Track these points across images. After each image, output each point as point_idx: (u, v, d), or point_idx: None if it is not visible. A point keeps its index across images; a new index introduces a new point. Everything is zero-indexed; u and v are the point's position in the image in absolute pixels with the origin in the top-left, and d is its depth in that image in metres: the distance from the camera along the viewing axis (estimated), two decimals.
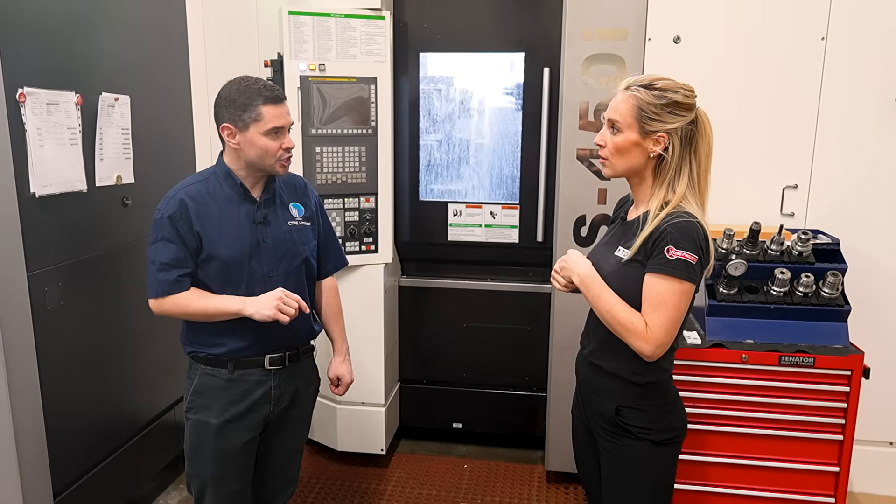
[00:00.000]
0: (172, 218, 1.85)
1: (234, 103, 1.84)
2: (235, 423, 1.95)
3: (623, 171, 1.69)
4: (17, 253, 2.08)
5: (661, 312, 1.56)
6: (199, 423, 1.96)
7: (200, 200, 1.89)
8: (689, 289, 1.57)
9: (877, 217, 2.74)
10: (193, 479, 2.00)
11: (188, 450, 1.99)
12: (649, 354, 1.58)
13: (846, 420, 2.33)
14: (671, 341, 1.59)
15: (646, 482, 1.72)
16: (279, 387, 2.02)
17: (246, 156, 1.89)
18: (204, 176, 1.95)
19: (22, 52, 2.08)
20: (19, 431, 2.10)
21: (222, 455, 1.95)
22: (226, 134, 1.88)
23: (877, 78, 2.64)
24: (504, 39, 3.11)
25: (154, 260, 1.87)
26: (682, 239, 1.55)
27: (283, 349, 2.01)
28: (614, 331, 1.62)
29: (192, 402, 1.97)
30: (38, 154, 2.14)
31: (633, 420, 1.69)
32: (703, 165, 1.64)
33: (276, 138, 1.87)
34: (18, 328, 2.10)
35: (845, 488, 2.38)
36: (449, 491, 3.08)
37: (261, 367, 1.97)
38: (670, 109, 1.60)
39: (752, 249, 2.45)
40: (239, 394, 1.96)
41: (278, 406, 2.04)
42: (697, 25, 2.71)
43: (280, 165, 1.91)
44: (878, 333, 2.74)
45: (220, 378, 1.95)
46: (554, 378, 2.99)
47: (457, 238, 3.31)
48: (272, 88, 1.87)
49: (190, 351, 1.98)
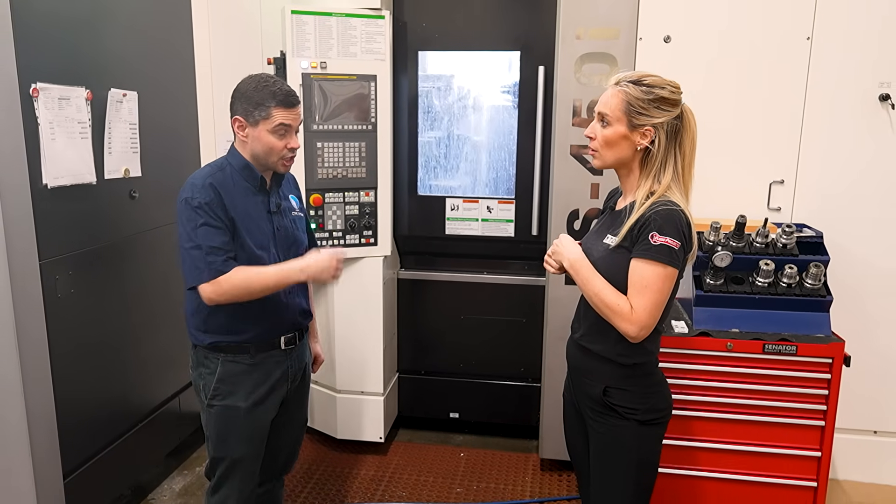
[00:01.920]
0: (210, 204, 1.87)
1: (249, 99, 1.91)
2: (262, 404, 2.04)
3: (611, 162, 1.78)
4: (30, 242, 2.17)
5: (645, 296, 1.64)
6: (227, 408, 2.00)
7: (225, 190, 1.93)
8: (672, 273, 1.66)
9: (860, 211, 2.82)
10: (220, 463, 2.05)
11: (214, 435, 2.03)
12: (634, 335, 1.66)
13: (828, 406, 2.41)
14: (654, 323, 1.68)
15: (632, 460, 1.80)
16: (293, 365, 2.13)
17: (252, 149, 1.96)
18: (219, 166, 1.98)
19: (35, 49, 2.17)
20: (31, 415, 2.19)
21: (251, 436, 2.04)
22: (236, 126, 1.96)
23: (861, 76, 2.73)
24: (501, 39, 3.20)
25: (201, 244, 1.86)
26: (666, 226, 1.64)
27: (294, 329, 2.11)
28: (601, 313, 1.71)
29: (218, 389, 2.00)
30: (50, 147, 2.23)
31: (620, 400, 1.77)
32: (687, 158, 1.73)
33: (283, 137, 1.94)
34: (31, 315, 2.18)
35: (827, 472, 2.46)
36: (446, 478, 3.16)
37: (278, 349, 2.06)
38: (657, 104, 1.68)
39: (738, 242, 2.53)
40: (262, 376, 2.03)
41: (293, 384, 2.14)
42: (687, 26, 2.79)
43: (282, 164, 1.99)
44: (859, 324, 2.83)
45: (243, 364, 2.01)
46: (548, 367, 3.07)
47: (454, 232, 3.39)
48: (287, 93, 1.93)
49: (211, 342, 1.99)
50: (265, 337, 2.03)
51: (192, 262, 1.87)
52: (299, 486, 3.05)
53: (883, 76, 2.71)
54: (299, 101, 1.98)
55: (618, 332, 1.72)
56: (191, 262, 1.88)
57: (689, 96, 1.75)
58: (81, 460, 2.47)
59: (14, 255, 2.09)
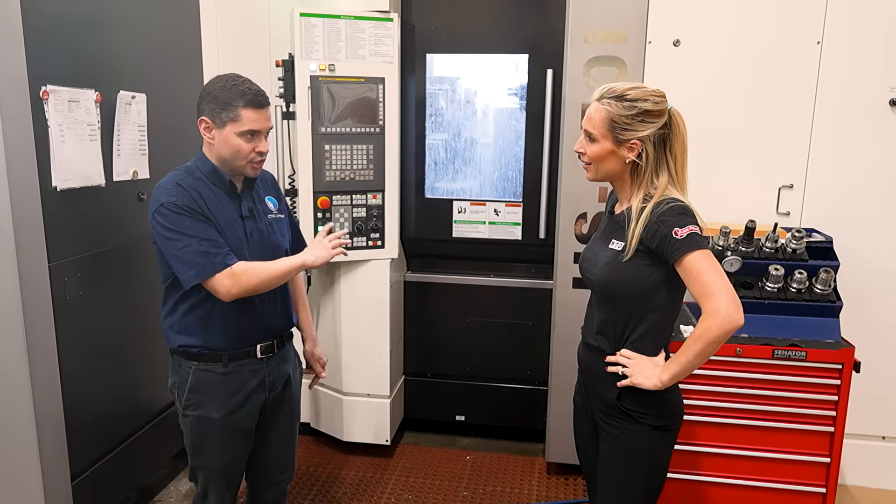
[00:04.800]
0: (190, 204, 1.84)
1: (216, 99, 1.86)
2: (236, 413, 1.99)
3: (602, 176, 1.79)
4: (40, 244, 2.17)
5: (706, 283, 1.60)
6: (200, 418, 1.97)
7: (196, 193, 1.88)
8: (709, 252, 1.64)
9: (869, 216, 2.81)
10: (199, 472, 2.05)
11: (190, 444, 2.03)
12: (738, 321, 1.59)
13: (837, 412, 2.41)
14: (732, 291, 1.61)
15: (644, 464, 1.79)
16: (272, 373, 2.07)
17: (218, 152, 1.90)
18: (187, 170, 1.93)
19: (45, 52, 2.17)
20: (40, 417, 2.19)
21: (226, 446, 2.01)
22: (202, 127, 1.90)
23: (871, 81, 2.71)
24: (509, 41, 3.19)
25: (199, 237, 1.82)
26: (679, 219, 1.64)
27: (272, 337, 2.05)
28: (717, 346, 1.64)
29: (191, 399, 1.97)
30: (59, 149, 2.23)
31: (633, 405, 1.77)
32: (679, 162, 1.73)
33: (251, 141, 1.88)
34: (40, 317, 2.18)
35: (836, 479, 2.46)
36: (452, 481, 3.16)
37: (253, 357, 2.01)
38: (641, 118, 1.68)
39: (747, 247, 2.53)
40: (236, 385, 1.99)
41: (273, 392, 2.08)
42: (696, 29, 2.78)
43: (251, 167, 1.92)
44: (869, 329, 2.81)
45: (215, 373, 1.96)
46: (555, 370, 3.06)
47: (461, 235, 3.39)
48: (256, 93, 1.87)
49: (181, 345, 1.96)
50: (238, 345, 1.98)
51: (192, 259, 1.82)
52: (305, 489, 3.05)
53: (893, 81, 2.70)
54: (269, 102, 1.93)
55: (630, 338, 1.75)
56: (189, 259, 1.82)
57: (697, 100, 1.75)
58: (89, 462, 2.47)
59: (23, 257, 2.09)
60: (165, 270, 1.96)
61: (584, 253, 1.90)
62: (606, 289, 1.78)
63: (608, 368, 1.80)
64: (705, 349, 1.63)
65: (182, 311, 1.96)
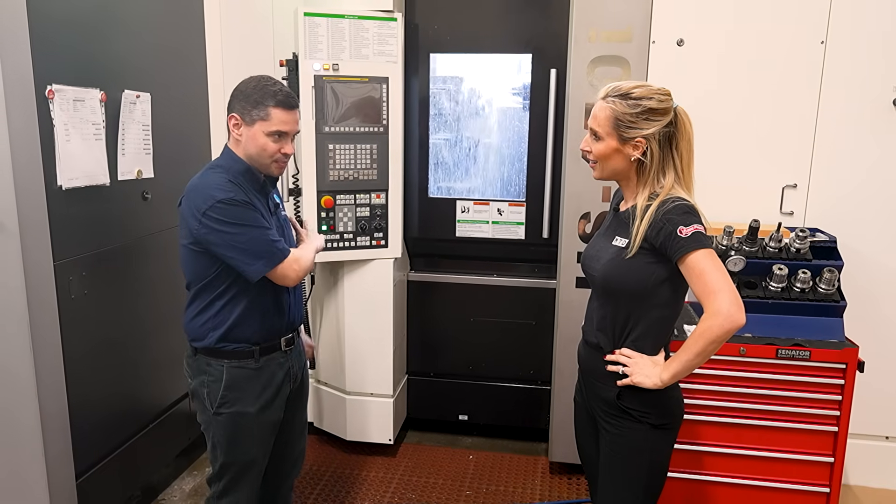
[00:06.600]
0: (246, 200, 1.89)
1: (247, 98, 1.90)
2: (269, 406, 2.05)
3: (608, 175, 1.80)
4: (45, 243, 2.18)
5: (708, 282, 1.60)
6: (236, 414, 2.00)
7: (246, 188, 1.94)
8: (712, 251, 1.64)
9: (873, 216, 2.81)
10: (230, 468, 2.04)
11: (224, 442, 2.02)
12: (739, 318, 1.59)
13: (841, 412, 2.40)
14: (735, 291, 1.61)
15: (644, 463, 1.80)
16: (294, 365, 2.14)
17: (245, 149, 1.94)
18: (225, 169, 1.95)
19: (51, 52, 2.18)
20: (45, 415, 2.19)
21: (260, 439, 2.06)
22: (231, 123, 1.94)
23: (875, 81, 2.71)
24: (512, 41, 3.19)
25: (266, 228, 1.91)
26: (685, 218, 1.64)
27: (292, 329, 2.13)
28: (718, 346, 1.64)
29: (226, 396, 1.99)
30: (64, 148, 2.24)
31: (634, 404, 1.77)
32: (685, 160, 1.73)
33: (278, 141, 1.92)
34: (45, 316, 2.19)
35: (840, 479, 2.46)
36: (455, 480, 3.16)
37: (279, 350, 2.07)
38: (646, 116, 1.69)
39: (751, 246, 2.52)
40: (267, 379, 2.04)
41: (295, 384, 2.16)
42: (700, 29, 2.78)
43: (276, 167, 1.97)
44: (873, 329, 2.80)
45: (248, 369, 2.00)
46: (558, 370, 3.07)
47: (464, 234, 3.39)
48: (287, 94, 1.93)
49: (220, 339, 1.97)
50: (268, 338, 2.03)
51: (261, 249, 1.89)
52: (308, 488, 3.05)
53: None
54: (298, 104, 1.97)
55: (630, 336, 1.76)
56: (259, 250, 1.88)
57: (701, 99, 1.76)
58: (94, 461, 2.48)
59: (29, 256, 2.09)
60: (197, 270, 1.96)
61: (587, 249, 1.90)
62: (608, 285, 1.78)
63: (608, 367, 1.80)
64: (706, 348, 1.64)
65: (218, 307, 1.97)
